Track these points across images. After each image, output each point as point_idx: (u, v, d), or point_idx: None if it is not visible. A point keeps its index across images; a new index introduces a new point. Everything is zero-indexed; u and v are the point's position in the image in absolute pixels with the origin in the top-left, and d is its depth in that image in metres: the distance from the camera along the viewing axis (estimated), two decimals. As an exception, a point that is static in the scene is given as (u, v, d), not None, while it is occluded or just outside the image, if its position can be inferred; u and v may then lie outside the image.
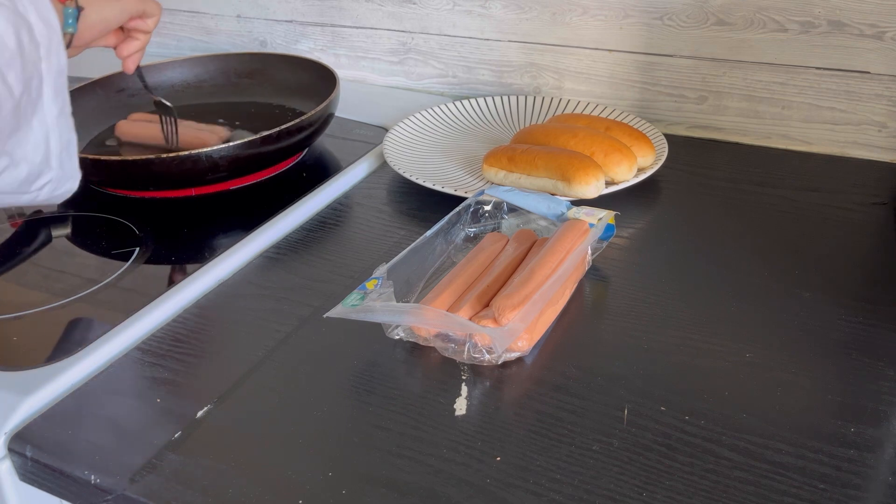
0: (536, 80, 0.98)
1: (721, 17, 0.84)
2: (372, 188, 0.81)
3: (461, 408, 0.51)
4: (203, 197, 0.80)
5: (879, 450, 0.46)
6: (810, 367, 0.53)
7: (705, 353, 0.54)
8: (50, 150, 0.54)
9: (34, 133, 0.52)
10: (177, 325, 0.61)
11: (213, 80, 1.01)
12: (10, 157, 0.52)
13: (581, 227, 0.62)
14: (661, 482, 0.44)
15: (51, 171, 0.55)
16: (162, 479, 0.47)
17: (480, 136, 0.90)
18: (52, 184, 0.55)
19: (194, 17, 1.21)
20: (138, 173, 0.75)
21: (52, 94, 0.53)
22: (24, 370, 0.56)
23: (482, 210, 0.69)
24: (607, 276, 0.64)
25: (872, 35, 0.78)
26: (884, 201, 0.73)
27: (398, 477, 0.46)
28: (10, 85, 0.49)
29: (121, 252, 0.71)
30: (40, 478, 0.51)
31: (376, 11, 1.04)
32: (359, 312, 0.53)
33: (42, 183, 0.55)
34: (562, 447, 0.47)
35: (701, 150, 0.86)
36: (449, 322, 0.53)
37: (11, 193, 0.54)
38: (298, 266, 0.68)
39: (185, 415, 0.51)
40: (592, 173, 0.70)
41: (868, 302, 0.59)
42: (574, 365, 0.54)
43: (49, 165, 0.54)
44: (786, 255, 0.65)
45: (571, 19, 0.91)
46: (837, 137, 0.84)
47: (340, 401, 0.52)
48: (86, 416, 0.52)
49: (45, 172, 0.54)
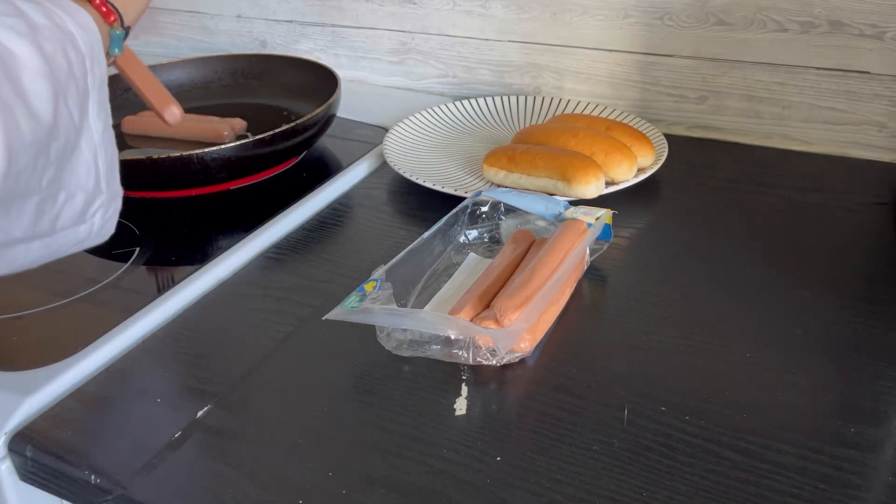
0: (536, 80, 0.98)
1: (721, 17, 0.84)
2: (372, 188, 0.81)
3: (461, 408, 0.51)
4: (203, 197, 0.80)
5: (879, 450, 0.46)
6: (810, 367, 0.53)
7: (705, 353, 0.54)
8: (99, 171, 0.48)
9: (83, 156, 0.47)
10: (177, 325, 0.61)
11: (218, 81, 1.01)
12: (66, 191, 0.46)
13: (579, 226, 0.62)
14: (661, 482, 0.44)
15: (102, 195, 0.49)
16: (162, 479, 0.47)
17: (480, 136, 0.90)
18: (103, 207, 0.49)
19: (194, 17, 1.21)
20: (129, 174, 0.74)
21: (96, 108, 0.47)
22: (24, 370, 0.56)
23: (480, 211, 0.69)
24: (607, 276, 0.64)
25: (872, 35, 0.78)
26: (884, 201, 0.73)
27: (398, 477, 0.46)
28: (72, 112, 0.44)
29: (121, 252, 0.71)
30: (40, 478, 0.51)
31: (376, 11, 1.04)
32: (357, 314, 0.53)
33: (95, 208, 0.49)
34: (562, 447, 0.47)
35: (701, 150, 0.86)
36: (450, 325, 0.52)
37: (70, 228, 0.47)
38: (298, 266, 0.68)
39: (185, 415, 0.51)
40: (593, 173, 0.70)
41: (868, 302, 0.59)
42: (574, 365, 0.54)
43: (100, 189, 0.49)
44: (786, 255, 0.65)
45: (571, 19, 0.91)
46: (837, 137, 0.84)
47: (340, 401, 0.52)
48: (86, 416, 0.52)
49: (97, 197, 0.49)
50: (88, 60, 0.46)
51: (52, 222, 0.46)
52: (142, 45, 1.28)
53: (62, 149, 0.44)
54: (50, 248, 0.47)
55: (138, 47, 1.34)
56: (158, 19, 1.25)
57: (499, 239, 0.68)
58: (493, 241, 0.68)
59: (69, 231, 0.48)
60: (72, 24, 0.45)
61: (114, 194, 0.50)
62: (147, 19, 1.25)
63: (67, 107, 0.44)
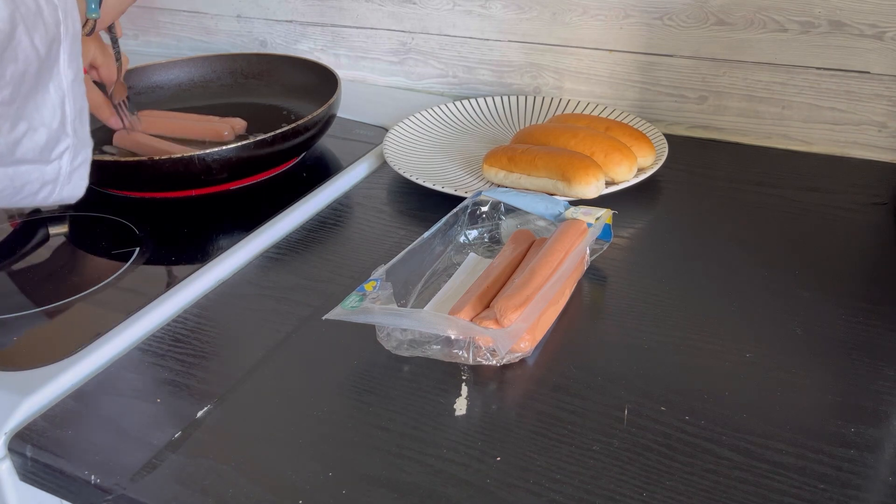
0: (536, 80, 0.98)
1: (721, 17, 0.84)
2: (372, 188, 0.81)
3: (461, 408, 0.51)
4: (203, 197, 0.80)
5: (879, 450, 0.46)
6: (810, 367, 0.53)
7: (705, 353, 0.54)
8: (66, 115, 0.53)
9: (51, 97, 0.52)
10: (177, 325, 0.61)
11: (217, 81, 1.01)
12: (28, 122, 0.51)
13: (579, 226, 0.62)
14: (661, 482, 0.44)
15: (67, 138, 0.54)
16: (162, 479, 0.47)
17: (480, 136, 0.90)
18: (70, 151, 0.54)
19: (194, 17, 1.21)
20: (130, 175, 0.75)
21: (67, 58, 0.52)
22: (24, 370, 0.56)
23: (480, 211, 0.69)
24: (607, 276, 0.64)
25: (872, 35, 0.78)
26: (884, 201, 0.73)
27: (398, 477, 0.46)
28: (36, 46, 0.49)
29: (121, 252, 0.71)
30: (40, 478, 0.51)
31: (376, 11, 1.04)
32: (357, 314, 0.53)
33: (61, 150, 0.54)
34: (562, 447, 0.47)
35: (701, 150, 0.86)
36: (450, 325, 0.52)
37: (34, 163, 0.52)
38: (298, 266, 0.68)
39: (185, 415, 0.51)
40: (593, 173, 0.70)
41: (868, 302, 0.59)
42: (574, 365, 0.54)
43: (65, 131, 0.53)
44: (786, 255, 0.65)
45: (571, 19, 0.91)
46: (837, 137, 0.84)
47: (340, 401, 0.52)
48: (86, 416, 0.52)
49: (63, 139, 0.53)
50: (61, 12, 0.51)
51: (11, 147, 0.50)
52: (142, 45, 1.28)
53: (21, 74, 0.48)
54: (14, 182, 0.51)
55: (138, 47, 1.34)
56: (158, 19, 1.25)
57: (499, 239, 0.68)
58: (493, 241, 0.68)
59: (33, 167, 0.52)
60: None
61: (82, 142, 0.55)
62: (147, 19, 1.25)
63: (31, 38, 0.48)
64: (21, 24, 0.48)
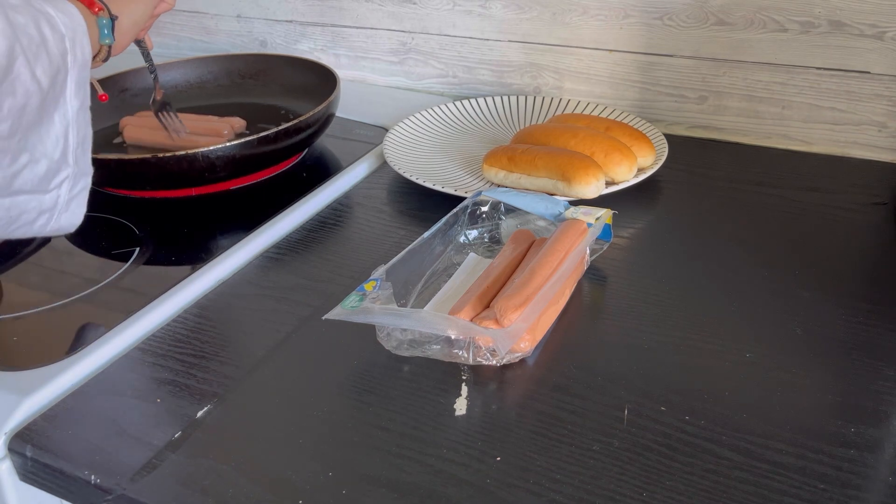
0: (536, 80, 0.98)
1: (721, 17, 0.84)
2: (372, 188, 0.81)
3: (461, 408, 0.51)
4: (203, 197, 0.80)
5: (879, 450, 0.46)
6: (810, 367, 0.53)
7: (705, 353, 0.54)
8: (68, 145, 0.52)
9: (55, 128, 0.51)
10: (177, 325, 0.61)
11: (217, 81, 1.01)
12: (30, 154, 0.49)
13: (579, 226, 0.62)
14: (661, 482, 0.44)
15: (68, 168, 0.53)
16: (162, 479, 0.47)
17: (480, 136, 0.90)
18: (69, 180, 0.53)
19: (194, 17, 1.21)
20: (135, 172, 0.75)
21: (74, 87, 0.51)
22: (24, 370, 0.56)
23: (480, 211, 0.69)
24: (607, 276, 0.64)
25: (872, 35, 0.78)
26: (884, 201, 0.73)
27: (398, 477, 0.46)
28: (38, 79, 0.48)
29: (121, 252, 0.71)
30: (40, 478, 0.51)
31: (376, 11, 1.04)
32: (358, 314, 0.53)
33: (60, 179, 0.53)
34: (562, 447, 0.47)
35: (701, 150, 0.86)
36: (450, 325, 0.52)
37: (32, 193, 0.51)
38: (298, 266, 0.68)
39: (185, 415, 0.51)
40: (593, 173, 0.70)
41: (868, 302, 0.59)
42: (574, 365, 0.54)
43: (67, 162, 0.52)
44: (786, 255, 0.65)
45: (571, 19, 0.91)
46: (838, 137, 0.84)
47: (340, 401, 0.52)
48: (86, 416, 0.52)
49: (63, 168, 0.52)
50: (69, 41, 0.50)
51: (9, 179, 0.49)
52: (142, 45, 1.28)
53: (20, 108, 0.47)
54: (11, 212, 0.50)
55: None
56: (158, 19, 1.24)
57: (499, 239, 0.68)
58: (493, 241, 0.68)
59: (31, 196, 0.51)
60: (52, 9, 0.50)
61: (82, 171, 0.54)
62: (147, 19, 1.25)
63: (32, 71, 0.47)
64: (21, 57, 0.47)
